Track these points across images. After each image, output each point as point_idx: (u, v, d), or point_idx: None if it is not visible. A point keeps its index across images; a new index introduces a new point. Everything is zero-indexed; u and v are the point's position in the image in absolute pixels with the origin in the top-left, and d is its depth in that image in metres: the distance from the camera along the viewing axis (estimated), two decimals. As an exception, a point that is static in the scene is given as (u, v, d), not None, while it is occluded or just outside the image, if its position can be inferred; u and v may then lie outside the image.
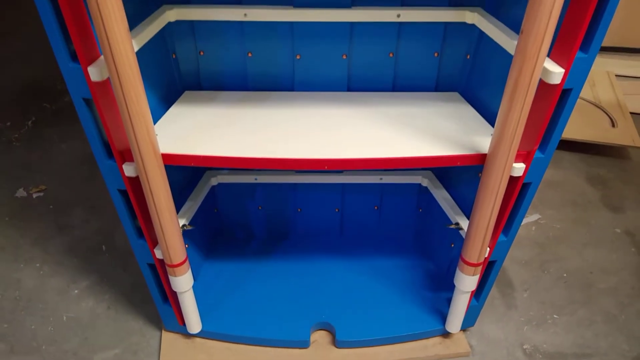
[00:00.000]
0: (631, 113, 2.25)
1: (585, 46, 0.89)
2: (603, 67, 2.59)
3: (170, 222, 1.06)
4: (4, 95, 2.40)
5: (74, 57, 0.90)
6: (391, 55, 1.21)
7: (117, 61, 0.83)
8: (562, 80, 0.90)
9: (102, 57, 0.90)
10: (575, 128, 2.06)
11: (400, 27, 1.17)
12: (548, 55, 0.92)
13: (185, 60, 1.22)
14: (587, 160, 2.03)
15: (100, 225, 1.71)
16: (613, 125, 2.09)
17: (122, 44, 0.82)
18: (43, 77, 2.54)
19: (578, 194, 1.87)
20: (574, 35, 0.86)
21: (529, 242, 1.66)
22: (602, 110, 2.19)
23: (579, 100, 2.25)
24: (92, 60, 0.90)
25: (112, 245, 1.64)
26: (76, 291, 1.49)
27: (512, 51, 0.96)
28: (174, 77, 1.22)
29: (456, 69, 1.24)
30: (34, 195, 1.83)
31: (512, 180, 1.04)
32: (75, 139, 2.11)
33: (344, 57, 1.21)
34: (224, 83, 1.26)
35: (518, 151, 0.99)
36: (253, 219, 1.55)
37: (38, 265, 1.57)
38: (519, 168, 1.01)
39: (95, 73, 0.89)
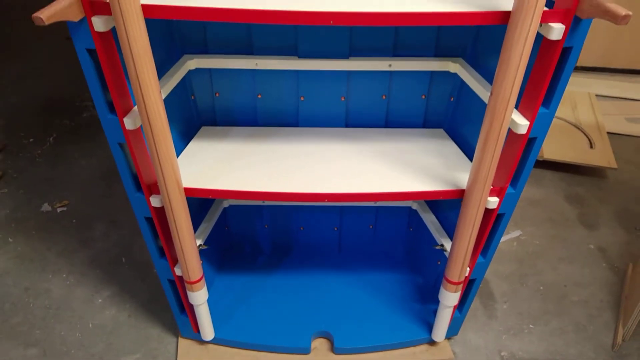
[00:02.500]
0: (609, 133, 2.42)
1: (546, 102, 1.05)
2: (585, 87, 2.75)
3: (190, 245, 1.22)
4: (26, 112, 2.56)
5: (111, 108, 1.06)
6: (384, 97, 1.37)
7: (149, 112, 0.99)
8: (528, 130, 1.06)
9: (135, 108, 1.07)
10: (556, 149, 2.22)
11: (392, 74, 1.33)
12: (516, 108, 1.09)
13: (202, 101, 1.38)
14: (567, 179, 2.20)
15: (119, 239, 1.87)
16: (591, 147, 2.25)
17: (154, 98, 0.98)
18: (62, 93, 2.70)
19: (557, 211, 2.03)
20: (537, 95, 1.02)
21: (510, 257, 1.83)
22: (582, 131, 2.35)
23: (561, 122, 2.41)
24: (126, 111, 1.06)
25: (131, 258, 1.80)
26: (100, 300, 1.65)
27: (486, 100, 1.12)
28: (192, 114, 1.38)
29: (441, 108, 1.40)
30: (58, 210, 1.99)
31: (487, 211, 1.20)
32: (94, 155, 2.27)
33: (343, 98, 1.37)
34: (236, 120, 1.42)
35: (492, 187, 1.16)
36: (260, 236, 1.71)
37: (64, 276, 1.73)
38: (493, 202, 1.17)
39: (129, 123, 1.05)
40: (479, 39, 1.24)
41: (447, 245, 1.36)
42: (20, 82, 2.78)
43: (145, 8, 0.91)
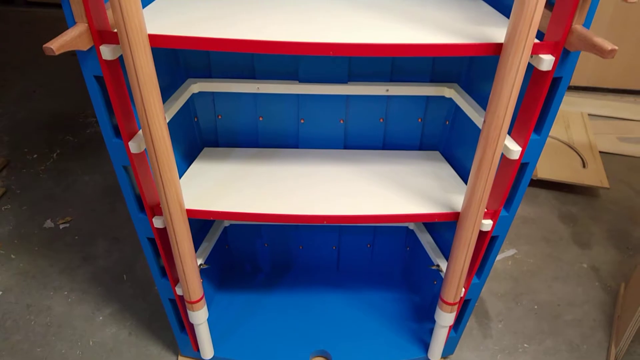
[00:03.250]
0: (602, 152, 2.46)
1: (538, 129, 1.09)
2: (578, 107, 2.80)
3: (191, 266, 1.25)
4: (30, 127, 2.59)
5: (116, 132, 1.10)
6: (381, 120, 1.41)
7: (154, 137, 1.03)
8: (520, 156, 1.09)
9: (140, 132, 1.10)
10: (550, 168, 2.26)
11: (389, 98, 1.37)
12: (509, 133, 1.12)
13: (205, 122, 1.41)
14: (561, 197, 2.24)
15: (121, 256, 1.90)
16: (584, 166, 2.29)
17: (158, 124, 1.01)
18: (66, 109, 2.73)
19: (551, 230, 2.07)
20: (528, 122, 1.05)
21: (506, 276, 1.86)
22: (575, 151, 2.39)
23: (555, 141, 2.46)
24: (131, 135, 1.09)
25: (132, 276, 1.82)
26: (100, 318, 1.67)
27: (480, 125, 1.16)
28: (195, 136, 1.42)
29: (437, 131, 1.44)
30: (61, 226, 2.01)
31: (482, 234, 1.23)
32: (97, 172, 2.30)
33: (341, 121, 1.41)
34: (238, 141, 1.45)
35: (486, 210, 1.19)
36: (260, 255, 1.74)
37: (66, 293, 1.75)
38: (487, 224, 1.21)
39: (134, 147, 1.08)
40: (473, 66, 1.28)
41: (443, 265, 1.39)
42: (25, 98, 2.82)
43: (152, 38, 0.95)
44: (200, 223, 1.51)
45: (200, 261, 1.39)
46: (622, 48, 2.84)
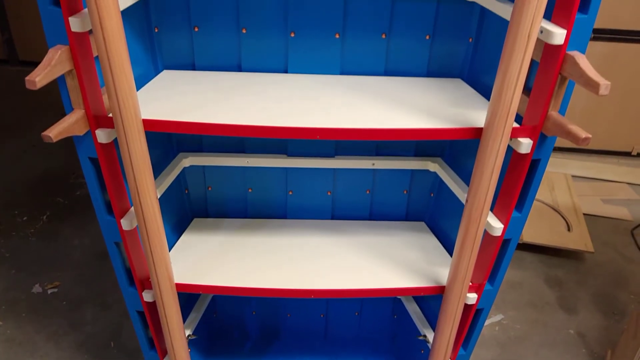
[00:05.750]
0: (585, 214, 2.51)
1: (519, 207, 1.13)
2: (562, 168, 2.87)
3: (179, 339, 1.26)
4: (20, 188, 2.60)
5: (109, 210, 1.12)
6: (368, 192, 1.44)
7: (146, 216, 1.05)
8: (502, 232, 1.13)
9: (132, 209, 1.12)
10: (535, 232, 2.30)
11: (375, 172, 1.41)
12: (492, 210, 1.16)
13: (195, 194, 1.44)
14: (546, 261, 2.26)
15: (109, 322, 1.89)
16: (569, 229, 2.33)
17: (150, 203, 1.04)
18: (57, 169, 2.75)
19: (537, 294, 2.09)
20: (509, 202, 1.09)
21: (493, 342, 1.86)
22: (560, 214, 2.44)
23: (540, 204, 2.51)
24: (124, 212, 1.12)
25: (120, 343, 1.81)
26: (86, 387, 1.65)
27: (463, 200, 1.19)
28: (185, 207, 1.44)
29: (422, 203, 1.47)
30: (49, 291, 2.00)
31: (467, 306, 1.25)
32: (86, 235, 2.31)
33: (329, 193, 1.44)
34: (227, 211, 1.48)
35: (470, 284, 1.21)
36: (248, 323, 1.74)
37: (51, 362, 1.73)
38: (472, 297, 1.23)
39: (126, 224, 1.10)
40: (455, 142, 1.33)
41: (430, 335, 1.40)
42: (16, 160, 2.84)
43: (146, 122, 0.99)
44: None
45: (188, 332, 1.39)
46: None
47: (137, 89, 1.10)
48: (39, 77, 0.87)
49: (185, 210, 1.45)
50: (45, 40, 0.93)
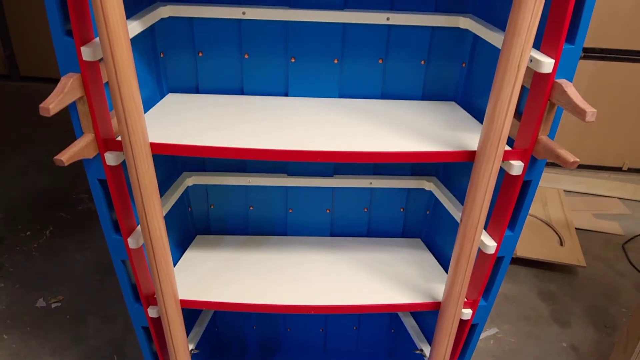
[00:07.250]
0: (578, 229, 2.56)
1: (511, 226, 1.17)
2: (554, 183, 2.92)
3: (183, 353, 1.29)
4: (24, 204, 2.64)
5: (116, 228, 1.16)
6: (365, 209, 1.49)
7: (152, 236, 1.09)
8: (496, 251, 1.17)
9: (138, 227, 1.16)
10: (528, 246, 2.35)
11: (372, 190, 1.45)
12: (485, 228, 1.20)
13: (198, 211, 1.48)
14: (540, 275, 2.31)
15: (112, 335, 1.92)
16: (561, 244, 2.38)
17: (157, 223, 1.08)
18: (59, 185, 2.79)
19: (531, 308, 2.13)
20: (502, 221, 1.14)
21: (488, 355, 1.90)
22: (552, 228, 2.49)
23: (533, 219, 2.56)
24: (130, 230, 1.16)
25: (123, 356, 1.84)
26: (88, 402, 1.68)
27: (457, 218, 1.24)
28: (188, 224, 1.48)
29: (418, 220, 1.52)
30: (53, 305, 2.04)
31: (462, 322, 1.29)
32: (88, 249, 2.34)
33: (328, 210, 1.48)
34: (229, 228, 1.52)
35: (465, 300, 1.26)
36: (248, 337, 1.78)
37: (55, 376, 1.76)
38: (467, 313, 1.27)
39: (133, 243, 1.14)
40: (450, 162, 1.37)
41: (426, 350, 1.44)
42: (19, 175, 2.87)
43: (153, 146, 1.03)
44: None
45: (191, 346, 1.42)
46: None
47: (144, 112, 1.14)
48: (52, 104, 0.92)
49: (189, 228, 1.49)
50: (46, 57, 0.97)
